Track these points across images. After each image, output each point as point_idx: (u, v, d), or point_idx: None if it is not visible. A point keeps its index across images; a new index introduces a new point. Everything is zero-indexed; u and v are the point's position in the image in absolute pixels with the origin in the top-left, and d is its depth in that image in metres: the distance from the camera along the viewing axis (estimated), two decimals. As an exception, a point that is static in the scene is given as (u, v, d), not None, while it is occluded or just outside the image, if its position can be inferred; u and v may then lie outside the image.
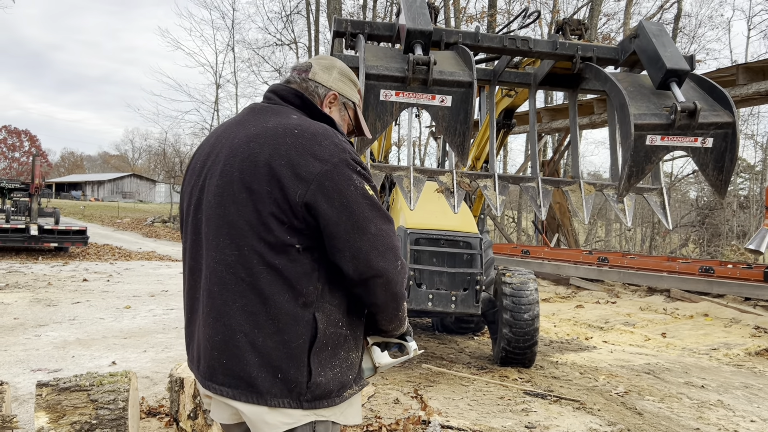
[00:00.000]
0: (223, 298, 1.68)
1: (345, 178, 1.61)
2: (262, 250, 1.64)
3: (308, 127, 1.69)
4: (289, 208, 1.61)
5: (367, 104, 3.32)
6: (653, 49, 3.78)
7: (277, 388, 1.64)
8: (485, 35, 4.10)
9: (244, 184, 1.65)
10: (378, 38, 3.99)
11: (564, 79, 4.62)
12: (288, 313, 1.64)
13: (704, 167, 3.72)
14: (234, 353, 1.66)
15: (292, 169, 1.61)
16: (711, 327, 8.52)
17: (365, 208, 1.62)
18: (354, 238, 1.62)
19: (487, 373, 5.74)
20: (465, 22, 23.45)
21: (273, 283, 1.64)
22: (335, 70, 1.92)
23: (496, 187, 4.36)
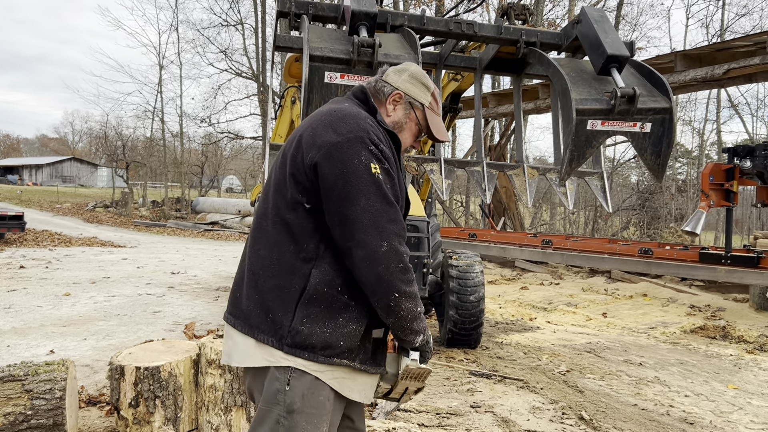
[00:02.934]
0: (250, 244, 1.94)
1: (353, 151, 1.76)
2: (280, 205, 1.86)
3: (344, 109, 1.89)
4: (303, 170, 1.80)
5: (311, 86, 3.28)
6: (595, 35, 3.84)
7: (265, 325, 1.82)
8: (431, 18, 4.09)
9: (284, 152, 1.90)
10: (323, 19, 3.94)
11: (509, 63, 4.66)
12: (288, 263, 1.83)
13: (642, 152, 3.82)
14: (243, 289, 1.90)
15: (313, 138, 1.81)
16: (649, 306, 8.83)
17: (362, 182, 1.75)
18: (344, 205, 1.75)
19: (434, 355, 5.80)
20: (414, 5, 23.40)
21: (281, 234, 1.85)
22: (406, 73, 2.07)
23: (443, 171, 4.38)
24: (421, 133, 2.08)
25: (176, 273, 11.23)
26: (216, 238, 21.26)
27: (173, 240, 19.32)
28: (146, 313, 7.40)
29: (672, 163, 30.53)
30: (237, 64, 31.45)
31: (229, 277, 11.00)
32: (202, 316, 7.41)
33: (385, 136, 1.91)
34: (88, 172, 67.65)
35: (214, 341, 3.90)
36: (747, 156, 8.33)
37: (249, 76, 30.34)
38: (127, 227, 23.30)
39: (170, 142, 35.02)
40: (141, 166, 33.93)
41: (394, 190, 1.84)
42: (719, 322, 7.74)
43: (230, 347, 1.94)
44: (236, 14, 31.63)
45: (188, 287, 9.62)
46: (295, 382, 1.80)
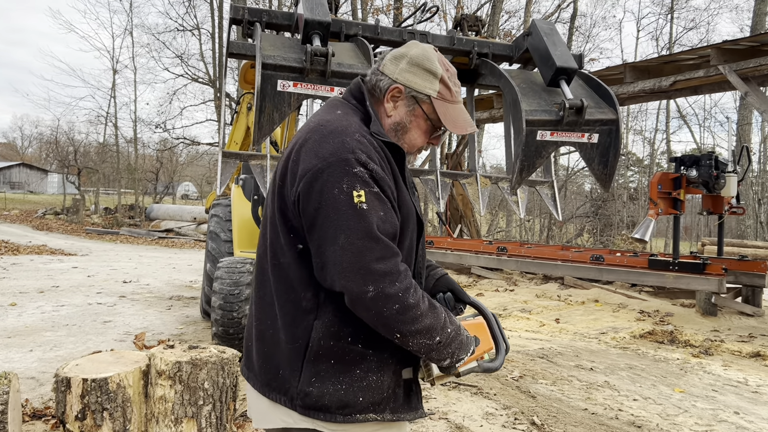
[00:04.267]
0: (254, 288, 1.74)
1: (333, 179, 1.50)
2: (275, 245, 1.63)
3: (331, 123, 1.62)
4: (289, 205, 1.58)
5: (263, 94, 3.27)
6: (544, 47, 3.93)
7: (276, 383, 1.63)
8: (385, 28, 4.13)
9: (274, 181, 1.68)
10: (277, 27, 3.93)
11: (462, 74, 4.71)
12: (289, 314, 1.61)
13: (590, 161, 3.91)
14: (252, 341, 1.73)
15: (296, 165, 1.58)
16: (601, 312, 9.02)
17: (341, 216, 1.49)
18: (323, 245, 1.52)
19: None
20: (371, 14, 23.51)
21: (279, 280, 1.63)
22: (405, 60, 1.71)
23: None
24: (436, 128, 1.74)
25: (128, 282, 11.00)
26: (171, 245, 20.90)
27: (126, 248, 18.92)
28: (96, 323, 7.22)
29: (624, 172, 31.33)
30: (193, 70, 31.06)
31: (183, 286, 10.83)
32: (154, 325, 7.27)
33: (381, 149, 1.62)
34: (38, 178, 65.68)
35: (164, 352, 3.84)
36: (693, 165, 8.61)
37: (205, 81, 30.01)
38: (78, 235, 22.71)
39: (124, 147, 34.37)
40: (93, 173, 33.17)
41: (386, 217, 1.54)
42: (667, 327, 7.96)
43: (249, 404, 1.79)
44: (193, 19, 31.29)
45: (140, 296, 9.43)
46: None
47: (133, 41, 36.10)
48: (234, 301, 5.43)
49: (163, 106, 42.05)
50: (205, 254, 7.46)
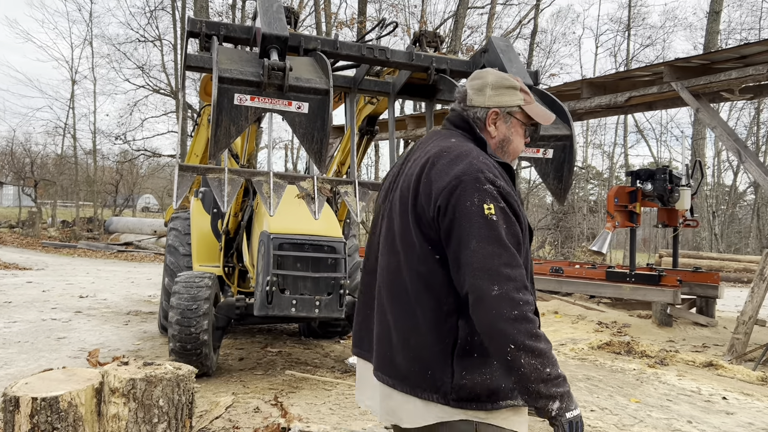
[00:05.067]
0: (388, 299, 1.92)
1: (467, 193, 1.73)
2: (411, 258, 1.85)
3: (455, 148, 1.88)
4: (426, 221, 1.81)
5: (220, 108, 3.24)
6: (500, 64, 3.99)
7: (426, 383, 1.80)
8: (344, 43, 4.15)
9: (403, 200, 1.91)
10: (235, 40, 3.91)
11: (421, 89, 4.76)
12: (433, 318, 1.81)
13: (545, 176, 3.97)
14: (393, 349, 1.87)
15: (430, 186, 1.81)
16: (560, 324, 9.15)
17: (474, 224, 1.70)
18: (458, 250, 1.72)
19: (350, 377, 5.79)
20: (335, 27, 23.59)
21: (420, 290, 1.83)
22: (488, 88, 2.01)
23: (357, 194, 4.42)
24: (527, 128, 2.08)
25: (85, 296, 10.75)
26: (130, 259, 20.52)
27: (84, 262, 18.51)
28: (50, 340, 7.04)
29: (584, 185, 31.94)
30: (155, 81, 30.61)
31: (141, 301, 10.63)
32: (110, 341, 7.12)
33: (501, 169, 1.85)
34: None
35: (118, 369, 3.76)
36: (648, 179, 8.83)
37: (167, 92, 29.66)
38: (34, 248, 22.12)
39: (83, 159, 33.68)
40: (51, 185, 32.40)
41: (512, 230, 1.74)
42: (624, 338, 8.11)
43: (393, 408, 1.90)
44: (154, 30, 30.83)
45: (97, 311, 9.23)
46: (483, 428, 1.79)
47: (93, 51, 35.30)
48: (192, 316, 5.35)
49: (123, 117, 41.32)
50: (163, 268, 7.35)
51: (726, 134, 8.08)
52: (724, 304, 11.42)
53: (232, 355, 6.62)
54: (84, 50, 56.91)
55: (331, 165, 6.84)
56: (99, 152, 32.69)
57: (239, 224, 6.60)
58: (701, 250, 24.03)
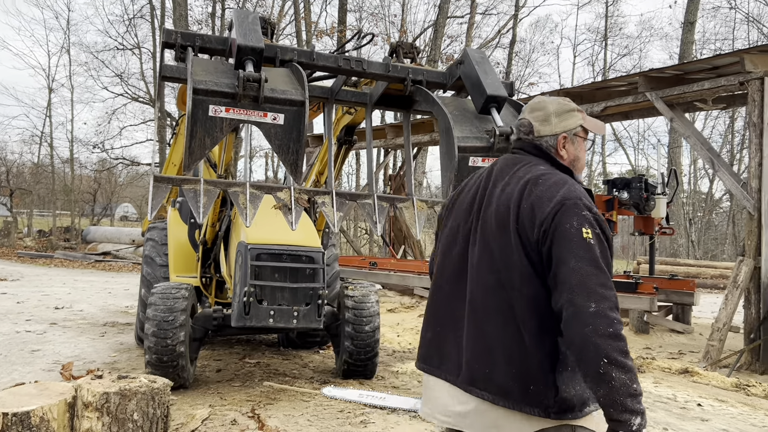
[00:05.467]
0: (485, 317, 2.02)
1: (566, 218, 1.90)
2: (514, 278, 1.96)
3: (550, 177, 2.05)
4: (530, 245, 1.95)
5: (195, 119, 3.24)
6: (476, 75, 4.02)
7: (529, 398, 1.93)
8: (320, 54, 4.16)
9: (502, 222, 2.03)
10: (210, 51, 3.91)
11: (398, 99, 4.79)
12: (537, 337, 1.94)
13: (521, 186, 4.01)
14: (494, 365, 1.98)
15: (533, 211, 1.95)
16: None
17: (573, 244, 1.86)
18: (556, 269, 1.88)
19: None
20: (315, 36, 23.63)
21: (524, 309, 1.95)
22: (552, 116, 2.22)
23: (334, 204, 4.42)
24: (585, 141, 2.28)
25: (61, 308, 10.61)
26: (108, 269, 20.29)
27: (60, 272, 18.26)
28: (23, 353, 6.93)
29: (563, 193, 32.21)
30: (134, 89, 30.39)
31: (118, 312, 10.52)
32: (85, 353, 7.03)
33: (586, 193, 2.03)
34: (-34, 199, 62.80)
35: (92, 382, 3.72)
36: (624, 188, 8.94)
37: (146, 101, 29.45)
38: (9, 259, 21.79)
39: (60, 168, 33.27)
40: (27, 194, 31.92)
41: (605, 255, 1.90)
42: (602, 345, 8.17)
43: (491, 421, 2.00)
44: (133, 38, 30.50)
45: (73, 323, 9.11)
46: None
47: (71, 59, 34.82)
48: (168, 327, 5.31)
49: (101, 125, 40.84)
50: (140, 279, 7.28)
51: (699, 143, 8.21)
52: (701, 311, 11.56)
53: (209, 366, 6.57)
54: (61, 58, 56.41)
55: (309, 175, 6.84)
56: (77, 161, 32.33)
57: (217, 234, 6.57)
58: (678, 257, 24.33)
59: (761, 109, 7.36)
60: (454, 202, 2.34)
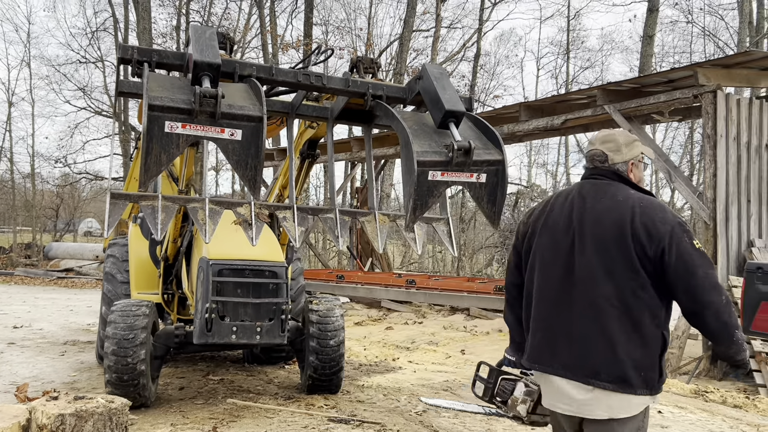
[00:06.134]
0: (604, 320, 2.49)
1: (679, 235, 2.46)
2: (632, 287, 2.47)
3: (650, 200, 2.59)
4: (646, 257, 2.46)
5: (150, 136, 3.21)
6: (434, 91, 4.06)
7: (641, 382, 2.46)
8: (280, 69, 4.16)
9: (613, 239, 2.52)
10: (168, 67, 3.88)
11: (359, 114, 4.81)
12: (650, 333, 2.49)
13: (479, 200, 4.05)
14: (614, 360, 2.46)
15: (647, 229, 2.47)
16: (504, 342, 9.21)
17: (695, 257, 2.44)
18: (686, 278, 2.43)
19: (293, 403, 5.74)
20: (281, 49, 23.62)
21: (640, 311, 2.47)
22: (622, 147, 2.74)
23: (295, 219, 4.41)
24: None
25: (19, 326, 10.35)
26: (70, 286, 19.87)
27: (21, 289, 17.83)
28: (-21, 374, 6.74)
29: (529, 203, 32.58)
30: (97, 102, 29.95)
31: (80, 330, 10.30)
32: (44, 373, 6.86)
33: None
34: None
35: (47, 404, 3.64)
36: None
37: (110, 114, 29.03)
38: (-34, 277, 21.21)
39: (20, 183, 32.53)
40: (-15, 210, 31.16)
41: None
42: (565, 354, 8.27)
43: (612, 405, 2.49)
44: (96, 51, 30.09)
45: (32, 342, 8.89)
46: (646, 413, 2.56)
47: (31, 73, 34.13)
48: (128, 345, 5.22)
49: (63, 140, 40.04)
50: (101, 296, 7.15)
51: (657, 155, 8.40)
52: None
53: (172, 384, 6.47)
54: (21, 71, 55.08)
55: (273, 189, 6.82)
56: (38, 175, 31.68)
57: (178, 250, 6.49)
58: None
59: (714, 121, 7.58)
60: (543, 219, 2.80)
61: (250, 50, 29.15)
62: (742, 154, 7.93)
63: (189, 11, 27.22)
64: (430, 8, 27.31)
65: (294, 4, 28.05)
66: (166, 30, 28.18)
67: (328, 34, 28.95)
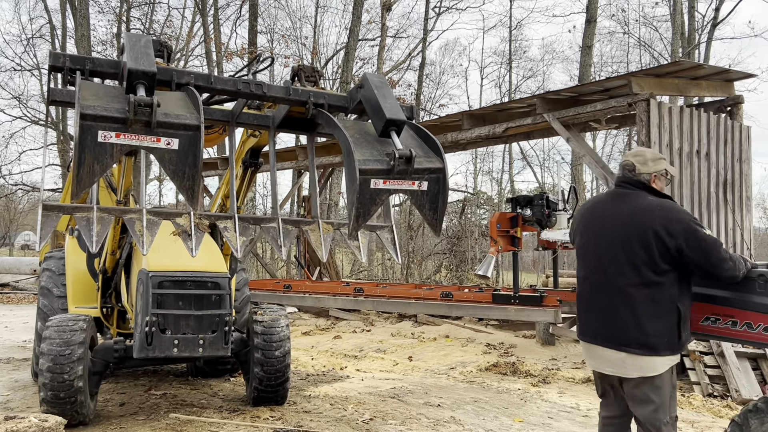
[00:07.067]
0: (630, 303, 3.29)
1: (693, 230, 3.23)
2: (653, 276, 3.25)
3: (666, 204, 3.35)
4: (667, 251, 3.23)
5: (83, 146, 3.12)
6: (375, 99, 4.09)
7: (665, 346, 3.26)
8: (218, 78, 4.12)
9: (639, 240, 3.28)
10: (102, 75, 3.79)
11: (301, 122, 4.79)
12: (668, 308, 3.26)
13: (421, 208, 4.09)
14: (642, 330, 3.26)
15: (666, 229, 3.23)
16: (451, 347, 9.36)
17: (709, 243, 3.23)
18: (704, 261, 3.24)
19: (238, 416, 5.65)
20: (225, 58, 23.35)
21: (661, 294, 3.26)
22: (649, 161, 3.48)
23: (237, 229, 4.36)
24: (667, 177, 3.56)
25: (-52, 346, 9.87)
26: (6, 301, 19.08)
27: (-50, 307, 17.01)
28: None
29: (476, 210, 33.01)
30: (33, 111, 28.94)
31: (15, 347, 9.91)
32: (-26, 394, 6.56)
33: None
34: None
35: (-26, 426, 3.49)
36: (527, 205, 9.28)
37: (47, 124, 28.08)
38: None
39: (-49, 195, 31.10)
40: None
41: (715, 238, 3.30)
42: (510, 358, 8.41)
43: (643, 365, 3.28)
44: (32, 59, 29.09)
45: (-39, 362, 8.49)
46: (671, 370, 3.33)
47: (-38, 81, 32.75)
48: (65, 362, 5.05)
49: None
50: (36, 312, 6.89)
51: (594, 161, 8.66)
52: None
53: (112, 400, 6.28)
54: (-49, 79, 52.69)
55: (215, 199, 6.72)
56: (-31, 187, 30.34)
57: (117, 262, 6.32)
58: (584, 270, 25.26)
59: (648, 129, 7.86)
60: (584, 220, 3.66)
61: (194, 58, 28.75)
62: (675, 160, 8.24)
63: (130, 18, 26.64)
64: (375, 18, 27.49)
65: (238, 12, 27.82)
66: (106, 37, 27.53)
67: (273, 43, 28.78)
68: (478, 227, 30.93)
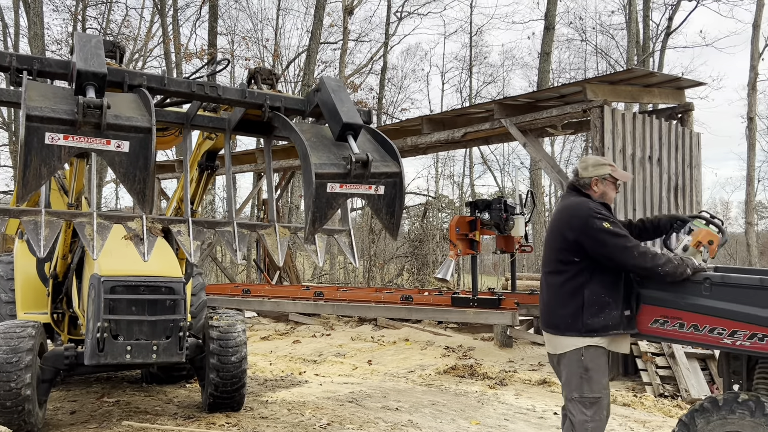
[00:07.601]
0: (547, 291, 3.83)
1: (591, 223, 3.58)
2: (561, 267, 3.73)
3: (576, 202, 3.78)
4: (568, 244, 3.67)
5: (29, 148, 3.03)
6: (332, 103, 4.08)
7: (567, 327, 3.66)
8: (172, 80, 4.06)
9: (553, 235, 3.83)
10: (51, 76, 3.70)
11: (257, 125, 4.75)
12: (571, 293, 3.65)
13: (378, 212, 4.09)
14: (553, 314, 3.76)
15: (569, 224, 3.70)
16: (410, 351, 9.39)
17: (603, 236, 3.55)
18: (601, 251, 3.58)
19: (193, 422, 5.57)
20: (184, 59, 23.02)
21: (567, 281, 3.67)
22: (590, 167, 3.86)
23: (191, 233, 4.30)
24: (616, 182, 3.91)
25: None
26: (-49, 307, 18.40)
27: None
28: None
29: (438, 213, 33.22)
30: (-18, 111, 28.03)
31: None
32: None
33: (602, 207, 3.75)
34: None
35: None
36: (485, 209, 9.38)
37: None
38: None
39: None
40: None
41: (618, 226, 3.64)
42: (468, 361, 8.48)
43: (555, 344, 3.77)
44: (-18, 56, 28.20)
45: None
46: (586, 352, 3.63)
47: None
48: (12, 370, 4.90)
49: (-55, 150, 37.18)
50: (-17, 318, 6.67)
51: (550, 166, 8.81)
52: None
53: (63, 408, 6.12)
54: None
55: (171, 202, 6.62)
56: None
57: (69, 267, 6.17)
58: (543, 273, 25.64)
59: (602, 134, 8.03)
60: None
61: (152, 59, 28.30)
62: (628, 165, 8.43)
63: (86, 18, 26.06)
64: (337, 21, 27.47)
65: (198, 13, 27.46)
66: (61, 37, 26.85)
67: (234, 45, 28.51)
68: (440, 231, 31.12)
